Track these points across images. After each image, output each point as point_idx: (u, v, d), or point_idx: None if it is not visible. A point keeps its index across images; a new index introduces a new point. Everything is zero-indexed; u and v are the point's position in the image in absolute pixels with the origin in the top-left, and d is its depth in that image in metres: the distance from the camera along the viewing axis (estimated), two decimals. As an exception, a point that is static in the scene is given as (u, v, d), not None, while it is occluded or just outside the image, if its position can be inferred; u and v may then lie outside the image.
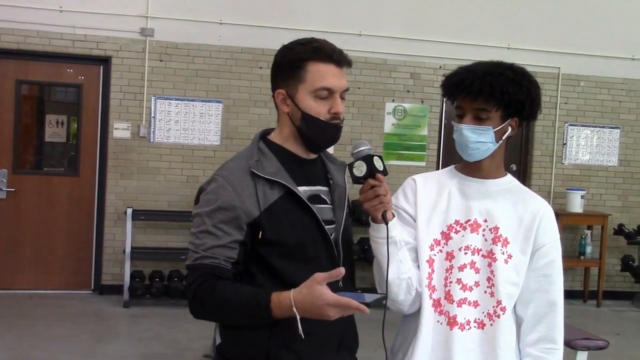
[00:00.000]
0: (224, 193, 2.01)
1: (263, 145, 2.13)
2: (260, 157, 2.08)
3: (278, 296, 1.89)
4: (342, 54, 2.09)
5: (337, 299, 1.82)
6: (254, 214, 2.00)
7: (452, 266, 2.16)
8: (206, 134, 8.07)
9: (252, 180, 2.03)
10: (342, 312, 1.85)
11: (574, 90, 8.99)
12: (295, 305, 1.85)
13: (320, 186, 2.18)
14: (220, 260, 1.98)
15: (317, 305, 1.83)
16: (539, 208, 2.21)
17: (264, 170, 2.05)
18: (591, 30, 8.87)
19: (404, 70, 8.52)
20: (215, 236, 1.99)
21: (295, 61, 2.06)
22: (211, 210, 2.00)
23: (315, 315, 1.86)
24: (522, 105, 2.14)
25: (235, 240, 1.99)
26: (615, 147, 9.14)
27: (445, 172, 2.32)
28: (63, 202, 7.97)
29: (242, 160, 2.09)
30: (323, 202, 2.16)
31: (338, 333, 2.14)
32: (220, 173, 2.06)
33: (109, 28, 7.79)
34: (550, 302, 2.18)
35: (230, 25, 8.04)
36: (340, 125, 2.10)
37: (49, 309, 7.28)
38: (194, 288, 1.98)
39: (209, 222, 2.00)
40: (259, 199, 2.01)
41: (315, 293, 1.83)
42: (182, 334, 6.54)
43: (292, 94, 2.07)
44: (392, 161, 8.34)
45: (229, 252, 1.99)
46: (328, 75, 2.05)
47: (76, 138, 8.05)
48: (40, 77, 7.99)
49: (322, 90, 2.05)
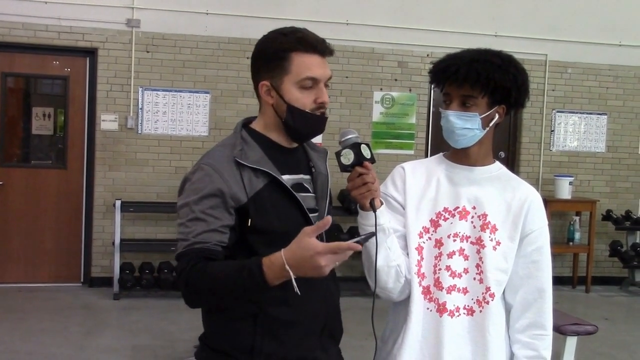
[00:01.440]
0: (210, 180, 1.99)
1: (246, 134, 2.12)
2: (243, 146, 2.07)
3: (269, 258, 1.84)
4: (324, 43, 2.08)
5: (326, 246, 1.78)
6: (242, 199, 2.00)
7: (441, 253, 2.17)
8: (194, 125, 8.05)
9: (237, 169, 2.02)
10: (333, 259, 1.79)
11: (562, 77, 9.01)
12: (287, 262, 1.80)
13: (303, 174, 2.18)
14: (211, 243, 1.95)
15: (308, 256, 1.77)
16: (527, 195, 2.21)
17: (248, 158, 2.04)
18: (578, 17, 8.89)
19: (392, 59, 8.52)
20: (205, 222, 1.97)
21: (278, 52, 2.04)
22: (199, 197, 1.99)
23: (308, 268, 1.80)
24: (509, 92, 2.14)
25: (225, 224, 1.98)
26: (602, 133, 9.17)
27: (433, 160, 2.33)
28: (51, 195, 7.94)
29: (226, 149, 2.08)
30: (306, 190, 2.16)
31: (322, 319, 2.14)
32: (206, 161, 2.05)
33: (94, 19, 7.73)
34: (539, 288, 2.19)
35: (216, 15, 8.00)
36: (325, 117, 2.10)
37: (38, 302, 7.26)
38: (186, 273, 1.93)
39: (197, 209, 1.99)
40: (245, 187, 2.01)
41: (304, 244, 1.78)
42: (173, 325, 6.54)
43: (277, 85, 2.06)
44: (380, 150, 8.34)
45: (219, 236, 1.97)
46: (313, 65, 2.04)
47: (63, 130, 8.00)
48: (26, 69, 7.94)
49: (307, 80, 2.04)
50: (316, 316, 2.09)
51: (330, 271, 1.84)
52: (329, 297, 2.16)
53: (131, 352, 5.90)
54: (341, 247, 1.78)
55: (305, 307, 2.01)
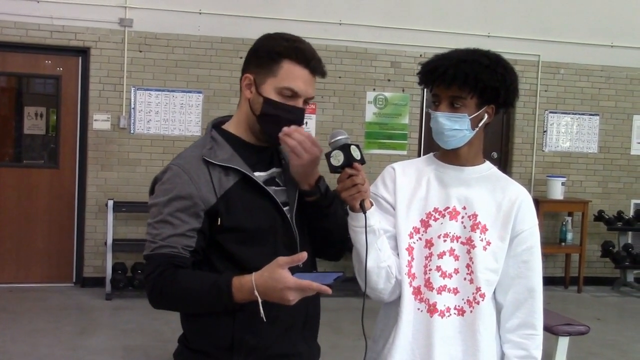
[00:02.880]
0: (179, 181, 2.00)
1: (216, 134, 2.13)
2: (213, 145, 2.08)
3: (239, 280, 1.88)
4: (320, 62, 2.08)
5: (297, 283, 1.82)
6: (211, 201, 1.99)
7: (432, 254, 2.17)
8: (187, 125, 8.04)
9: (206, 168, 2.02)
10: (302, 294, 1.85)
11: (554, 78, 9.04)
12: (256, 289, 1.84)
13: (274, 168, 2.17)
14: (179, 249, 1.96)
15: (278, 288, 1.82)
16: (517, 195, 2.21)
17: (217, 157, 2.04)
18: (571, 18, 8.91)
19: (385, 59, 8.52)
20: (172, 225, 1.98)
21: (273, 53, 2.05)
22: (168, 199, 2.00)
23: (275, 298, 1.85)
24: (497, 92, 2.14)
25: (192, 228, 1.98)
26: (595, 134, 9.20)
27: (424, 160, 2.33)
28: (43, 195, 7.91)
29: (196, 149, 2.09)
30: (277, 184, 2.15)
31: (302, 315, 2.14)
32: (176, 162, 2.06)
33: (87, 19, 7.72)
34: (529, 288, 2.19)
35: (209, 14, 7.99)
36: (302, 107, 2.08)
37: (30, 303, 7.23)
38: (153, 278, 1.96)
39: (165, 211, 1.99)
40: (215, 186, 2.01)
41: (276, 276, 1.82)
42: (165, 326, 6.52)
43: (259, 82, 2.07)
44: (373, 150, 8.35)
45: (186, 240, 1.97)
46: (299, 78, 2.04)
47: (55, 130, 7.98)
48: (18, 68, 7.91)
49: (288, 90, 2.04)
50: (297, 311, 2.07)
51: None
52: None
53: (123, 352, 5.89)
54: (311, 287, 1.83)
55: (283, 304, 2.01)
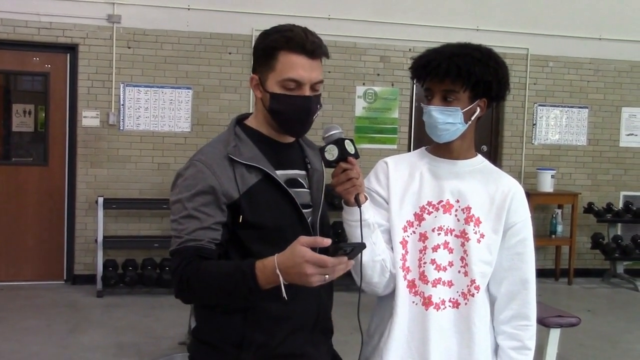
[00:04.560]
0: (202, 177, 2.00)
1: (239, 131, 2.13)
2: (237, 143, 2.08)
3: (262, 262, 1.85)
4: (316, 44, 2.06)
5: (315, 256, 1.76)
6: (234, 196, 2.00)
7: (426, 247, 2.18)
8: (176, 121, 8.01)
9: (230, 165, 2.03)
10: (321, 271, 1.77)
11: (543, 71, 9.06)
12: (278, 267, 1.80)
13: (297, 170, 2.18)
14: (204, 241, 1.96)
15: (297, 263, 1.77)
16: (510, 187, 2.22)
17: (241, 155, 2.05)
18: (559, 11, 8.94)
19: (374, 54, 8.52)
20: (197, 219, 1.98)
21: (268, 49, 2.06)
22: (191, 194, 2.00)
23: (295, 275, 1.79)
24: (490, 85, 2.15)
25: (218, 221, 1.99)
26: (584, 126, 9.24)
27: (416, 154, 2.33)
28: (33, 193, 7.88)
29: (220, 145, 2.09)
30: (300, 185, 2.17)
31: (313, 315, 2.15)
32: (198, 158, 2.06)
33: (75, 15, 7.68)
34: (522, 279, 2.20)
35: (198, 10, 7.97)
36: (308, 95, 2.07)
37: (21, 301, 7.20)
38: (180, 270, 1.95)
39: (190, 206, 1.99)
40: (238, 183, 2.02)
41: (296, 251, 1.78)
42: (157, 323, 6.52)
43: (263, 80, 2.08)
44: (363, 144, 8.35)
45: (212, 233, 1.98)
46: (297, 66, 2.04)
47: (44, 127, 7.95)
48: (5, 66, 7.87)
49: (289, 82, 2.04)
50: (307, 312, 2.10)
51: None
52: (322, 293, 2.16)
53: (115, 349, 5.87)
54: (328, 262, 1.76)
55: (297, 303, 2.00)
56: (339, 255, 1.78)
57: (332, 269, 1.78)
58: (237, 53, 8.03)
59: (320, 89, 2.11)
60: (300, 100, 2.06)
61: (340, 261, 1.78)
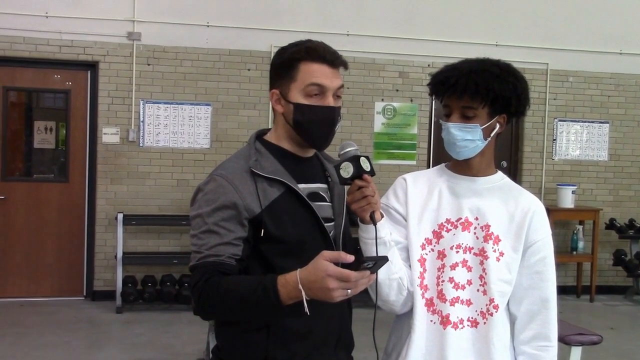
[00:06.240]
0: (223, 191, 2.00)
1: (260, 145, 2.13)
2: (258, 157, 2.08)
3: (284, 277, 1.83)
4: (335, 54, 2.09)
5: (338, 270, 1.73)
6: (255, 210, 2.00)
7: (444, 265, 2.15)
8: (195, 137, 8.05)
9: (251, 180, 2.03)
10: (344, 285, 1.75)
11: (563, 86, 9.01)
12: (300, 281, 1.78)
13: (319, 183, 2.18)
14: (225, 257, 1.95)
15: (320, 277, 1.74)
16: (530, 205, 2.20)
17: (263, 169, 2.05)
18: (579, 25, 8.90)
19: (393, 69, 8.52)
20: (218, 234, 1.97)
21: (288, 61, 2.07)
22: (212, 209, 1.99)
23: (317, 290, 1.76)
24: (509, 101, 2.13)
25: (239, 237, 1.98)
26: (605, 141, 9.16)
27: (435, 171, 2.31)
28: (53, 209, 7.93)
29: (240, 160, 2.09)
30: (322, 199, 2.16)
31: (336, 331, 2.14)
32: (219, 172, 2.05)
33: (95, 33, 7.75)
34: (543, 299, 2.17)
35: (217, 27, 8.02)
36: (332, 106, 2.08)
37: (40, 317, 7.24)
38: (200, 286, 1.93)
39: (210, 221, 1.98)
40: (260, 197, 2.01)
41: (318, 265, 1.76)
42: (176, 339, 6.51)
43: (285, 93, 2.08)
44: (382, 160, 8.34)
45: (233, 249, 1.97)
46: (319, 73, 2.05)
47: (65, 144, 8.01)
48: (27, 83, 7.95)
49: (312, 86, 2.04)
50: (330, 328, 2.08)
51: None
52: (343, 310, 2.16)
53: (134, 366, 5.88)
54: (351, 276, 1.74)
55: (319, 319, 1.99)
56: (362, 269, 1.76)
57: (355, 283, 1.76)
58: (256, 69, 8.06)
59: (342, 96, 2.13)
60: (324, 111, 2.07)
61: (362, 275, 1.76)
